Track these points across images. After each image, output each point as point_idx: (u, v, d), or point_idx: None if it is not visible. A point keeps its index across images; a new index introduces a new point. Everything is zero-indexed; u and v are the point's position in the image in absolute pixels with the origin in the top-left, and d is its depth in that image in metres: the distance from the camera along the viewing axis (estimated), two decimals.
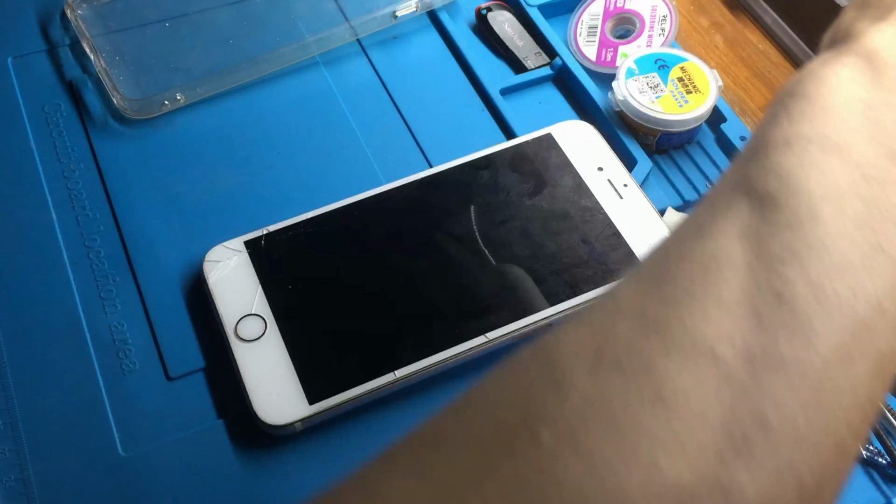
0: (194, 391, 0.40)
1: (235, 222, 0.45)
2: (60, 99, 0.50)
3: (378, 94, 0.52)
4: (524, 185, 0.46)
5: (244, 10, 0.53)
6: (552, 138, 0.48)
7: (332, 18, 0.53)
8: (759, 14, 0.60)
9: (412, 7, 0.54)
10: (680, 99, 0.48)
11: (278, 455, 0.39)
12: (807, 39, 0.57)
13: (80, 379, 0.40)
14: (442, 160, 0.48)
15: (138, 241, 0.45)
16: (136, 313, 0.43)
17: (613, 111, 0.51)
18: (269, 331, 0.41)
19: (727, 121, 0.51)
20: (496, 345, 0.41)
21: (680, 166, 0.50)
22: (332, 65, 0.53)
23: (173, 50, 0.51)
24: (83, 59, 0.52)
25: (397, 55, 0.54)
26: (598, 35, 0.54)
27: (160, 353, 0.41)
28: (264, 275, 0.42)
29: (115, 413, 0.40)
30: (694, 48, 0.58)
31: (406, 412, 0.40)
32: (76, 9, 0.52)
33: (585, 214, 0.45)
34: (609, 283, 0.42)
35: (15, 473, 0.38)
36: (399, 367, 0.40)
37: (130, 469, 0.38)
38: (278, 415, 0.38)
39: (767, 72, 0.57)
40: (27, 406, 0.39)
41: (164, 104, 0.49)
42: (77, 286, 0.43)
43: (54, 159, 0.48)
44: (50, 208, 0.46)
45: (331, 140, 0.49)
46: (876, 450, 0.41)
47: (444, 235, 0.44)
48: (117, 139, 0.49)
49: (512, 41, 0.54)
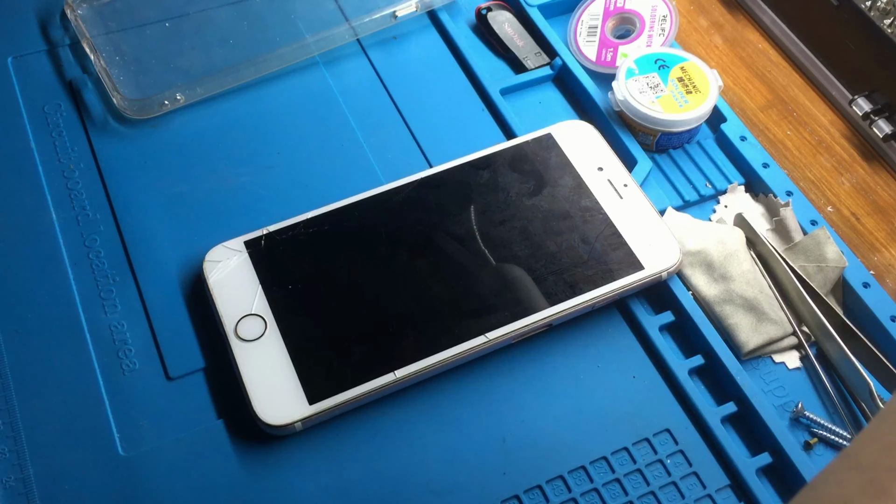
0: (194, 391, 0.40)
1: (235, 222, 0.45)
2: (60, 99, 0.50)
3: (378, 94, 0.52)
4: (524, 185, 0.46)
5: (244, 10, 0.53)
6: (552, 138, 0.48)
7: (332, 18, 0.53)
8: (757, 14, 0.60)
9: (412, 7, 0.54)
10: (680, 99, 0.48)
11: (278, 455, 0.39)
12: (805, 39, 0.57)
13: (80, 379, 0.40)
14: (442, 160, 0.48)
15: (138, 241, 0.45)
16: (136, 313, 0.43)
17: (613, 111, 0.51)
18: (269, 331, 0.41)
19: (727, 121, 0.51)
20: (496, 345, 0.41)
21: (680, 166, 0.50)
22: (332, 65, 0.53)
23: (173, 50, 0.51)
24: (83, 59, 0.52)
25: (397, 55, 0.54)
26: (598, 35, 0.54)
27: (160, 353, 0.41)
28: (264, 275, 0.42)
29: (115, 413, 0.40)
30: (694, 48, 0.58)
31: (406, 412, 0.40)
32: (76, 9, 0.52)
33: (585, 214, 0.45)
34: (609, 282, 0.42)
35: (15, 473, 0.38)
36: (399, 367, 0.40)
37: (130, 469, 0.38)
38: (278, 415, 0.38)
39: (767, 72, 0.57)
40: (27, 406, 0.39)
41: (164, 104, 0.49)
42: (77, 286, 0.43)
43: (54, 159, 0.48)
44: (50, 208, 0.46)
45: (331, 140, 0.49)
46: None
47: (444, 235, 0.44)
48: (117, 139, 0.49)
49: (512, 41, 0.54)
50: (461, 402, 0.41)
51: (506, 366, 0.42)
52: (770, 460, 0.40)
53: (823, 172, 0.52)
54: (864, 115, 0.53)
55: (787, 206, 0.47)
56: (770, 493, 0.39)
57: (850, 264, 0.45)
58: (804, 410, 0.41)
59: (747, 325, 0.43)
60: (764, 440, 0.41)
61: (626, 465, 0.39)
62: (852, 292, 0.45)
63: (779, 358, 0.43)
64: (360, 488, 0.38)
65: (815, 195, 0.51)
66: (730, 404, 0.41)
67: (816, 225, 0.47)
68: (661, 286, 0.44)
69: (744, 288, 0.44)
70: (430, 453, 0.39)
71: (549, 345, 0.42)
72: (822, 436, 0.41)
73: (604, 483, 0.39)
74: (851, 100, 0.54)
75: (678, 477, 0.39)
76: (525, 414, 0.41)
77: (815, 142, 0.54)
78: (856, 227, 0.50)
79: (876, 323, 0.44)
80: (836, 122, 0.55)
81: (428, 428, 0.40)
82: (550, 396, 0.41)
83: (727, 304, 0.44)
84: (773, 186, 0.48)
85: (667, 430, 0.40)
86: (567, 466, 0.39)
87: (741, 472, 0.39)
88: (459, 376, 0.41)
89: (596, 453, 0.40)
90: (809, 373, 0.43)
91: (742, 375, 0.41)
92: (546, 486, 0.39)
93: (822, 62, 0.56)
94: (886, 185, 0.52)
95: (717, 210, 0.48)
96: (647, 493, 0.39)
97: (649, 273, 0.43)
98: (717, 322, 0.44)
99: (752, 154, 0.49)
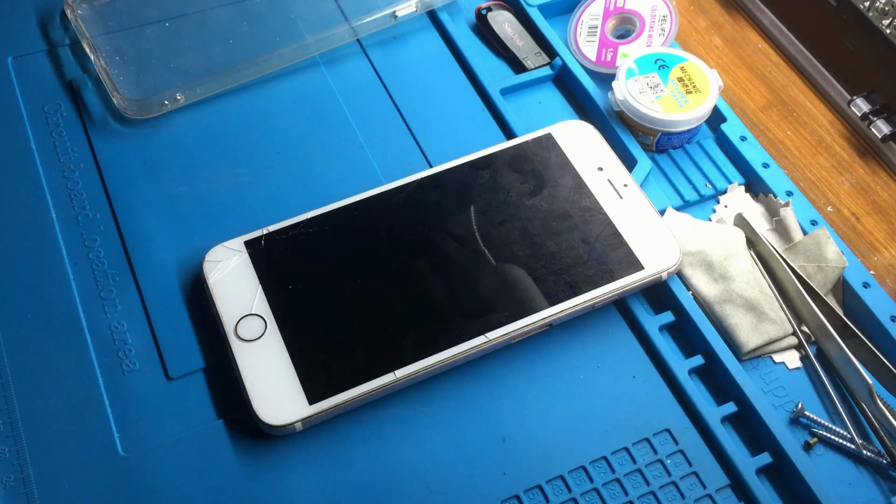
0: (194, 391, 0.40)
1: (235, 222, 0.45)
2: (60, 99, 0.50)
3: (378, 94, 0.52)
4: (524, 185, 0.46)
5: (244, 10, 0.53)
6: (552, 138, 0.48)
7: (332, 18, 0.53)
8: (756, 14, 0.60)
9: (412, 7, 0.54)
10: (680, 99, 0.48)
11: (278, 455, 0.39)
12: (804, 40, 0.57)
13: (80, 379, 0.40)
14: (442, 160, 0.48)
15: (138, 241, 0.45)
16: (136, 313, 0.43)
17: (613, 111, 0.51)
18: (269, 331, 0.41)
19: (727, 121, 0.51)
20: (496, 345, 0.41)
21: (680, 166, 0.50)
22: (332, 65, 0.53)
23: (173, 50, 0.51)
24: (83, 59, 0.52)
25: (397, 55, 0.54)
26: (598, 35, 0.54)
27: (160, 353, 0.41)
28: (264, 275, 0.42)
29: (115, 413, 0.40)
30: (694, 48, 0.58)
31: (406, 412, 0.40)
32: (76, 9, 0.52)
33: (585, 214, 0.45)
34: (609, 282, 0.43)
35: (15, 473, 0.38)
36: (399, 367, 0.40)
37: (130, 469, 0.38)
38: (278, 415, 0.38)
39: (767, 71, 0.57)
40: (27, 406, 0.39)
41: (164, 104, 0.49)
42: (77, 286, 0.43)
43: (54, 159, 0.48)
44: (50, 208, 0.46)
45: (331, 140, 0.49)
46: (876, 450, 0.41)
47: (444, 235, 0.44)
48: (117, 139, 0.49)
49: (512, 41, 0.54)
50: (461, 401, 0.41)
51: (506, 366, 0.42)
52: (770, 460, 0.40)
53: (823, 172, 0.52)
54: (862, 116, 0.53)
55: (787, 206, 0.47)
56: (770, 493, 0.39)
57: (850, 264, 0.45)
58: (804, 410, 0.41)
59: (747, 325, 0.43)
60: (764, 440, 0.41)
61: (626, 465, 0.39)
62: (852, 292, 0.45)
63: (779, 358, 0.43)
64: (360, 488, 0.38)
65: (815, 195, 0.51)
66: (730, 404, 0.41)
67: (816, 225, 0.47)
68: (661, 286, 0.44)
69: (744, 288, 0.44)
70: (430, 453, 0.39)
71: (549, 345, 0.42)
72: (822, 436, 0.41)
73: (604, 483, 0.39)
74: (850, 100, 0.54)
75: (678, 477, 0.39)
76: (525, 414, 0.41)
77: (815, 142, 0.54)
78: (856, 227, 0.50)
79: (876, 323, 0.44)
80: (835, 122, 0.55)
81: (428, 428, 0.40)
82: (550, 396, 0.41)
83: (727, 304, 0.44)
84: (773, 186, 0.48)
85: (667, 430, 0.40)
86: (567, 466, 0.39)
87: (741, 472, 0.39)
88: (459, 376, 0.41)
89: (596, 453, 0.40)
90: (809, 373, 0.43)
91: (742, 375, 0.41)
92: (546, 486, 0.39)
93: (821, 62, 0.56)
94: (886, 185, 0.52)
95: (717, 210, 0.48)
96: (647, 493, 0.39)
97: (649, 273, 0.43)
98: (717, 322, 0.44)
99: (752, 154, 0.49)
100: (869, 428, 0.41)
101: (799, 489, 0.39)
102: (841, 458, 0.41)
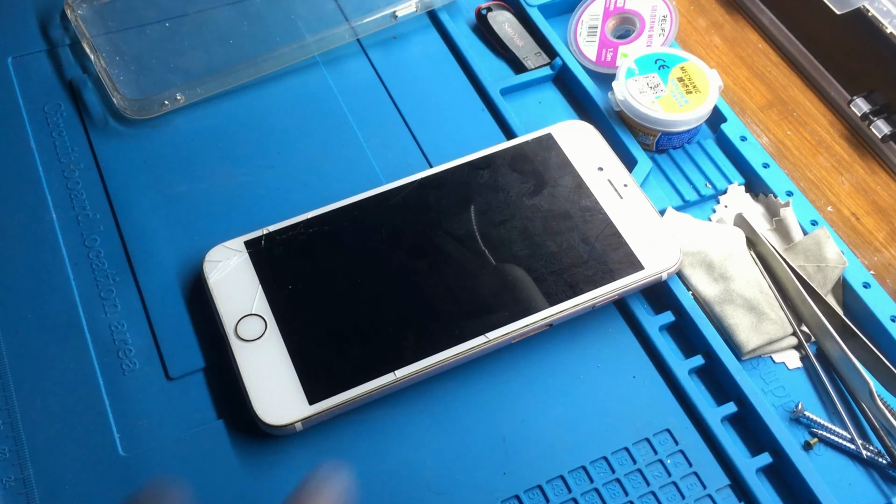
0: (194, 391, 0.40)
1: (235, 222, 0.45)
2: (60, 99, 0.50)
3: (378, 94, 0.52)
4: (524, 185, 0.46)
5: (244, 10, 0.53)
6: (552, 138, 0.48)
7: (332, 18, 0.53)
8: (755, 14, 0.60)
9: (412, 7, 0.54)
10: (680, 99, 0.48)
11: (278, 455, 0.39)
12: (804, 40, 0.57)
13: (80, 379, 0.40)
14: (442, 160, 0.48)
15: (138, 241, 0.45)
16: (136, 313, 0.43)
17: (613, 111, 0.51)
18: (269, 331, 0.41)
19: (727, 121, 0.51)
20: (496, 345, 0.41)
21: (680, 166, 0.50)
22: (332, 65, 0.53)
23: (173, 50, 0.51)
24: (83, 59, 0.52)
25: (397, 55, 0.54)
26: (598, 35, 0.54)
27: (160, 353, 0.41)
28: (264, 275, 0.42)
29: (115, 413, 0.40)
30: (694, 48, 0.58)
31: (406, 412, 0.40)
32: (76, 9, 0.52)
33: (585, 214, 0.45)
34: (609, 282, 0.42)
35: (15, 473, 0.38)
36: (399, 367, 0.40)
37: (130, 469, 0.38)
38: (278, 415, 0.38)
39: (767, 72, 0.57)
40: (27, 406, 0.39)
41: (164, 104, 0.49)
42: (77, 286, 0.43)
43: (54, 159, 0.48)
44: (50, 208, 0.46)
45: (331, 140, 0.49)
46: (876, 450, 0.41)
47: (444, 235, 0.44)
48: (117, 139, 0.49)
49: (512, 41, 0.54)
50: (461, 401, 0.41)
51: (506, 366, 0.42)
52: (770, 460, 0.40)
53: (823, 172, 0.52)
54: (862, 116, 0.53)
55: (787, 206, 0.47)
56: (770, 493, 0.39)
57: (850, 264, 0.45)
58: (804, 410, 0.41)
59: (747, 325, 0.43)
60: (764, 440, 0.41)
61: (626, 465, 0.39)
62: (852, 292, 0.45)
63: (779, 358, 0.43)
64: (361, 488, 0.38)
65: (815, 195, 0.51)
66: (730, 404, 0.41)
67: (816, 225, 0.47)
68: (661, 286, 0.44)
69: (744, 288, 0.44)
70: (430, 453, 0.39)
71: (549, 345, 0.42)
72: (822, 436, 0.41)
73: (604, 483, 0.39)
74: (850, 100, 0.54)
75: (678, 477, 0.39)
76: (525, 414, 0.41)
77: (815, 142, 0.54)
78: (856, 227, 0.50)
79: (876, 323, 0.44)
80: (835, 122, 0.55)
81: (428, 428, 0.40)
82: (550, 396, 0.41)
83: (727, 304, 0.44)
84: (773, 186, 0.48)
85: (667, 430, 0.40)
86: (567, 466, 0.39)
87: (741, 472, 0.39)
88: (459, 376, 0.41)
89: (596, 453, 0.40)
90: (809, 373, 0.43)
91: (742, 375, 0.41)
92: (546, 485, 0.39)
93: (821, 62, 0.56)
94: (886, 185, 0.52)
95: (717, 210, 0.48)
96: (647, 493, 0.39)
97: (649, 273, 0.43)
98: (717, 322, 0.44)
99: (752, 154, 0.49)
100: (869, 428, 0.41)
101: (799, 489, 0.39)
102: (841, 457, 0.41)
